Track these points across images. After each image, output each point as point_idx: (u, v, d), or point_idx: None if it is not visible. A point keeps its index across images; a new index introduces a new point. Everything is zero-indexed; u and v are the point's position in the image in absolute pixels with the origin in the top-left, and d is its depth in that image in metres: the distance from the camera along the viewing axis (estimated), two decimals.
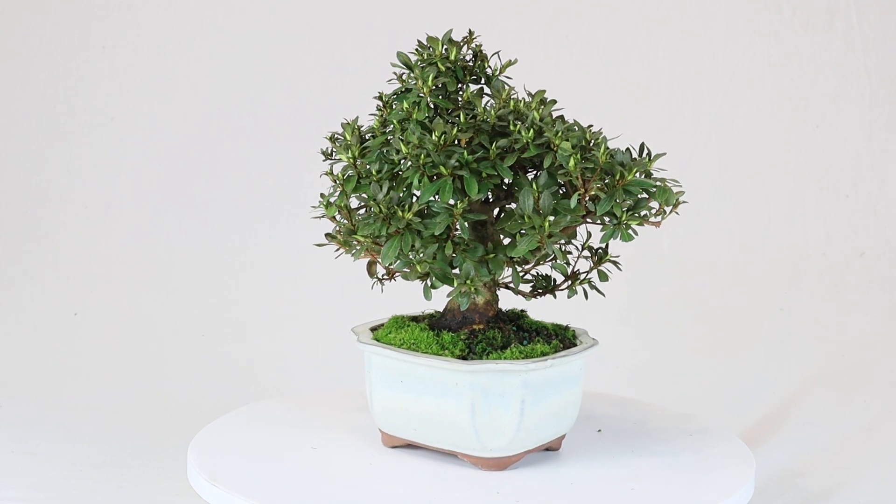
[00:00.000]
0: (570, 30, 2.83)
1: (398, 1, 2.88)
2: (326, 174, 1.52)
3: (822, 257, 2.72)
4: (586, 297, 1.54)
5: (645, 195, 1.42)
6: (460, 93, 1.51)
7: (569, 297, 1.54)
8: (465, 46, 1.52)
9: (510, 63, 1.52)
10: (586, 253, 1.55)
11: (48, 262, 2.84)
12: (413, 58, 1.52)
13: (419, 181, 1.41)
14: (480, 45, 1.54)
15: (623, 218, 1.41)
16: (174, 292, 2.77)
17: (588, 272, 1.54)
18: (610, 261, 1.54)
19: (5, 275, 2.83)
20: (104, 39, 2.94)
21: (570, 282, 1.53)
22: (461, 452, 1.49)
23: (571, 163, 1.38)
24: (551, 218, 1.39)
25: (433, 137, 1.41)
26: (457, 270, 1.45)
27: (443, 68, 1.50)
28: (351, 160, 1.49)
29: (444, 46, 1.51)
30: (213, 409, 2.13)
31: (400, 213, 1.41)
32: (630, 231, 1.42)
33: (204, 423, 1.72)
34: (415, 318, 1.58)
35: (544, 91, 1.50)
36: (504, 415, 1.44)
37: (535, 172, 1.47)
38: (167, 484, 1.95)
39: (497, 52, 1.54)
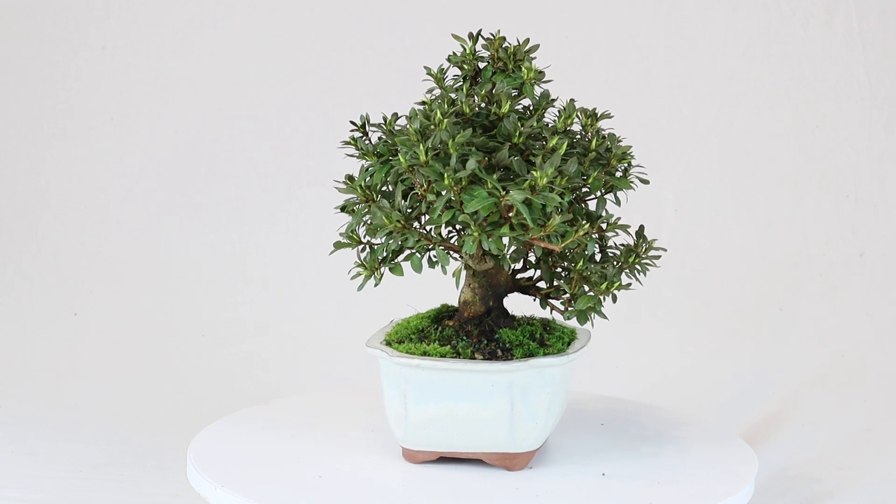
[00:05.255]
0: (570, 30, 2.83)
1: (398, 2, 2.88)
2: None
3: (822, 257, 2.72)
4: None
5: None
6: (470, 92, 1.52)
7: (566, 317, 1.49)
8: (491, 48, 1.52)
9: (533, 69, 1.51)
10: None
11: (48, 263, 2.84)
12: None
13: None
14: (515, 47, 1.52)
15: (472, 229, 1.36)
16: (174, 293, 2.77)
17: (587, 295, 1.47)
18: (613, 292, 1.45)
19: (5, 275, 2.83)
20: (104, 39, 2.94)
21: (567, 303, 1.50)
22: None
23: (402, 159, 1.37)
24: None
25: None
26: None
27: (468, 68, 1.51)
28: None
29: (466, 45, 1.52)
30: (214, 409, 2.13)
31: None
32: (474, 245, 1.35)
33: (204, 423, 1.72)
34: (449, 310, 1.61)
35: (520, 97, 1.49)
36: (395, 403, 1.48)
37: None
38: (167, 484, 1.95)
39: (528, 53, 1.53)
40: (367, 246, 1.48)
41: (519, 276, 1.58)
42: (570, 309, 1.48)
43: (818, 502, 1.92)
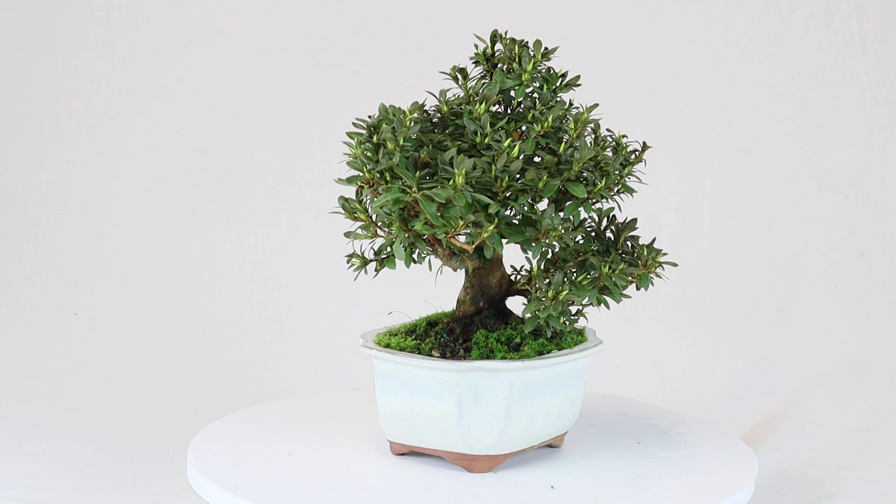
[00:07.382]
0: (570, 30, 2.83)
1: (398, 2, 2.88)
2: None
3: (822, 257, 2.72)
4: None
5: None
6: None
7: (529, 325, 1.45)
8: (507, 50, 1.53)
9: (527, 70, 1.52)
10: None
11: (48, 263, 2.84)
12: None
13: None
14: (519, 48, 1.53)
15: (394, 224, 1.37)
16: (174, 293, 2.77)
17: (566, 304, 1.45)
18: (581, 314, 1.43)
19: (5, 275, 2.83)
20: (104, 39, 2.94)
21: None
22: None
23: (351, 153, 1.39)
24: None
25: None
26: None
27: (484, 67, 1.52)
28: None
29: (484, 46, 1.53)
30: (214, 409, 2.13)
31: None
32: (399, 241, 1.36)
33: (204, 423, 1.72)
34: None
35: (495, 100, 1.50)
36: (374, 393, 1.51)
37: None
38: (167, 484, 1.95)
39: (546, 51, 1.54)
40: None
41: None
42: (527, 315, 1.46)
43: (818, 502, 1.92)
